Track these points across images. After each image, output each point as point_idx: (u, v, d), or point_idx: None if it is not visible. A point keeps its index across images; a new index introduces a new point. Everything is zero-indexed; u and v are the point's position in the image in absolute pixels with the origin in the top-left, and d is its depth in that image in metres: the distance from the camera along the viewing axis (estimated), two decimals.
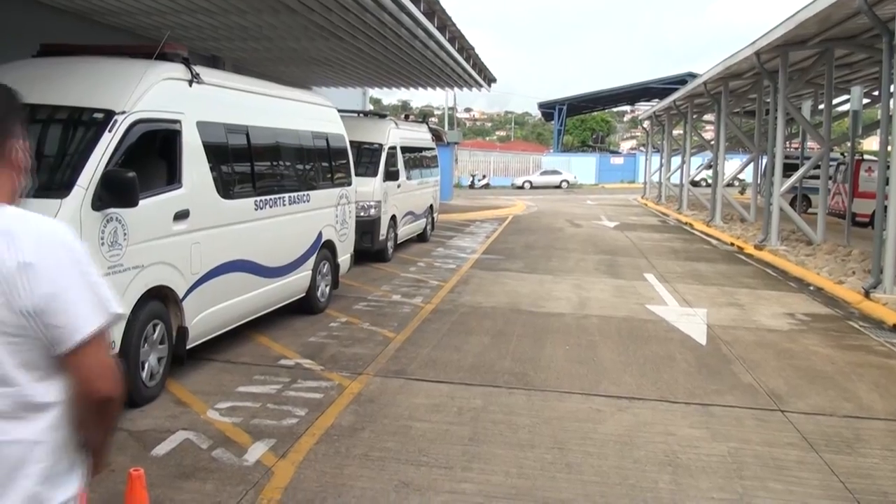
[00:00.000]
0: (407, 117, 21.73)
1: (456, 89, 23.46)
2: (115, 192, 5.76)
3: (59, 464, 1.94)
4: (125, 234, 5.96)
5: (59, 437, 1.93)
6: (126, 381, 5.80)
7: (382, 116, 17.60)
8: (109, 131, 5.98)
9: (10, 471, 1.84)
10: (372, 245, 14.21)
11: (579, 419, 6.32)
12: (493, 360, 7.97)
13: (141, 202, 5.99)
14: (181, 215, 6.78)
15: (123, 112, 6.13)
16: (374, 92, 30.23)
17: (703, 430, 6.15)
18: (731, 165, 32.55)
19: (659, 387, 7.26)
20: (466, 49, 17.45)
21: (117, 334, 5.93)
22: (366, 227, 13.68)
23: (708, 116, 33.21)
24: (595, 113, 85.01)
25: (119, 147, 6.01)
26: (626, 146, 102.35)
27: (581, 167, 62.81)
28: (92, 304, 1.94)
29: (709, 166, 30.37)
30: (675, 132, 38.46)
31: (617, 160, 69.80)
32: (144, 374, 6.31)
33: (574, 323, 9.94)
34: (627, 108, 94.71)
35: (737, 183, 42.41)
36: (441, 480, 5.05)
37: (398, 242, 16.19)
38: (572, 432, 6.01)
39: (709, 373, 7.78)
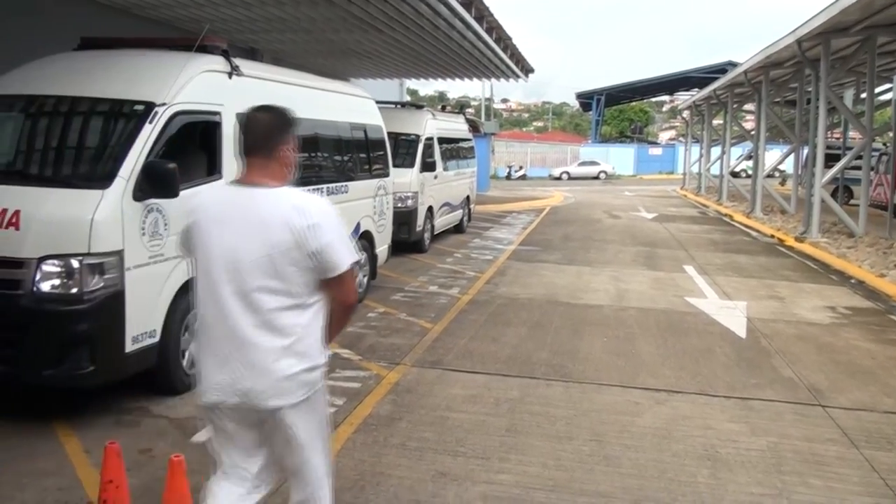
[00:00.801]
0: (444, 108, 21.75)
1: (493, 80, 23.40)
2: (157, 184, 5.83)
3: (316, 338, 3.26)
4: (166, 225, 6.04)
5: (317, 323, 3.25)
6: (167, 369, 5.95)
7: (419, 107, 17.60)
8: (150, 123, 6.04)
9: (296, 340, 3.16)
10: (409, 236, 14.25)
11: (617, 412, 6.31)
12: (530, 352, 7.97)
13: (182, 193, 6.07)
14: None
15: (164, 104, 6.20)
16: (411, 83, 30.32)
17: (742, 425, 6.11)
18: (772, 156, 32.12)
19: (698, 380, 7.22)
20: (504, 39, 17.39)
21: (159, 322, 6.04)
22: (403, 218, 13.71)
23: (748, 106, 32.80)
24: (633, 103, 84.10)
25: (159, 139, 6.08)
26: (664, 136, 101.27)
27: (619, 158, 62.29)
28: (348, 250, 3.24)
29: (749, 157, 30.01)
30: (715, 122, 38.02)
31: (655, 151, 69.09)
32: (185, 363, 6.41)
33: (612, 315, 9.90)
34: (666, 97, 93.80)
35: (777, 174, 41.77)
36: (478, 471, 5.08)
37: (435, 233, 16.23)
38: (610, 425, 6.00)
39: (748, 366, 7.71)
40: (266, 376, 3.13)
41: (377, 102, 11.75)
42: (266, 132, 3.31)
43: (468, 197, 19.38)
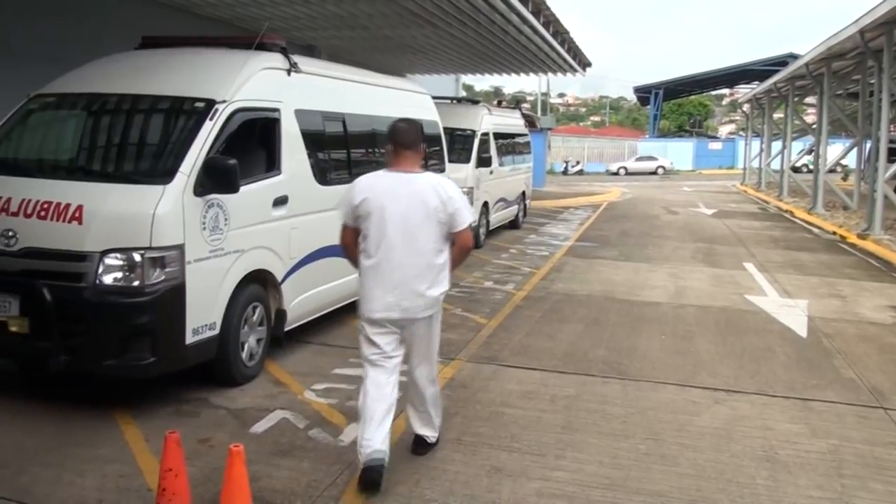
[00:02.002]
0: (500, 103, 21.67)
1: (549, 74, 23.24)
2: (217, 179, 5.92)
3: (447, 273, 4.93)
4: (226, 220, 6.13)
5: (448, 264, 4.93)
6: (226, 361, 6.04)
7: (475, 103, 17.57)
8: (211, 120, 6.13)
9: (438, 275, 4.84)
10: None
11: (675, 410, 6.22)
12: (586, 349, 7.91)
13: (241, 188, 6.15)
14: (280, 201, 6.94)
15: (224, 101, 6.28)
16: (467, 78, 30.18)
17: (802, 426, 5.98)
18: (834, 150, 31.29)
19: (757, 380, 7.08)
20: (561, 33, 17.25)
21: (219, 315, 6.13)
22: None
23: (810, 99, 32.10)
24: (692, 97, 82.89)
25: (220, 135, 6.16)
26: (724, 131, 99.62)
27: (678, 153, 61.47)
28: (469, 214, 4.94)
29: (810, 151, 29.34)
30: (776, 116, 37.21)
31: (715, 145, 67.99)
32: (244, 355, 6.50)
33: (670, 312, 9.77)
34: (726, 91, 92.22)
35: (839, 169, 40.77)
36: (533, 467, 5.05)
37: (490, 229, 16.20)
38: (668, 424, 5.92)
39: (809, 366, 7.55)
40: (422, 297, 4.81)
41: (433, 98, 11.76)
42: (414, 137, 4.96)
43: (524, 192, 19.29)
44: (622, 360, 7.55)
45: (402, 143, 4.90)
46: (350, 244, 4.99)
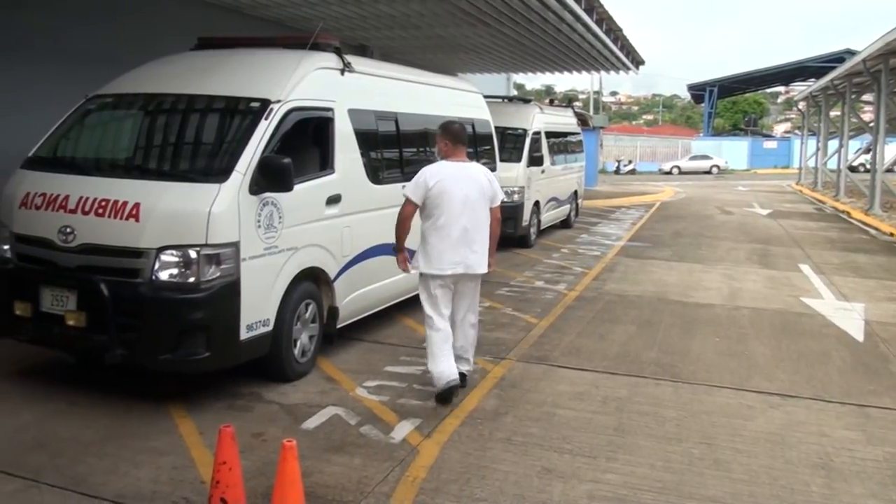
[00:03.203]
0: (552, 102, 21.54)
1: (602, 72, 23.05)
2: (272, 178, 5.97)
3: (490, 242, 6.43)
4: (280, 218, 6.18)
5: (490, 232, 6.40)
6: (279, 357, 6.11)
7: (527, 101, 17.49)
8: (266, 119, 6.17)
9: (485, 239, 6.33)
10: (515, 231, 14.17)
11: (729, 414, 6.13)
12: (639, 350, 7.83)
13: (295, 187, 6.20)
14: (333, 200, 6.99)
15: (279, 101, 6.33)
16: (518, 77, 30.03)
17: (858, 433, 5.84)
18: (892, 150, 30.52)
19: (813, 384, 6.94)
20: (614, 30, 17.09)
21: (272, 311, 6.20)
22: (509, 213, 13.57)
23: (867, 96, 31.24)
24: (747, 94, 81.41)
25: (275, 134, 6.21)
26: (779, 129, 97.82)
27: (732, 152, 60.48)
28: (501, 193, 6.52)
29: (868, 150, 28.63)
30: (833, 114, 36.40)
31: (770, 144, 66.73)
32: (297, 351, 6.56)
33: (724, 314, 9.63)
34: (782, 88, 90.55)
35: None
36: (585, 469, 5.02)
37: (541, 228, 16.10)
38: (721, 428, 5.83)
39: (866, 372, 7.37)
40: (480, 256, 6.27)
41: (485, 97, 11.73)
42: (465, 134, 6.54)
43: (576, 192, 19.15)
44: (675, 363, 7.46)
45: (458, 139, 6.38)
46: (409, 217, 6.25)
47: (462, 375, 6.41)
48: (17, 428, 5.44)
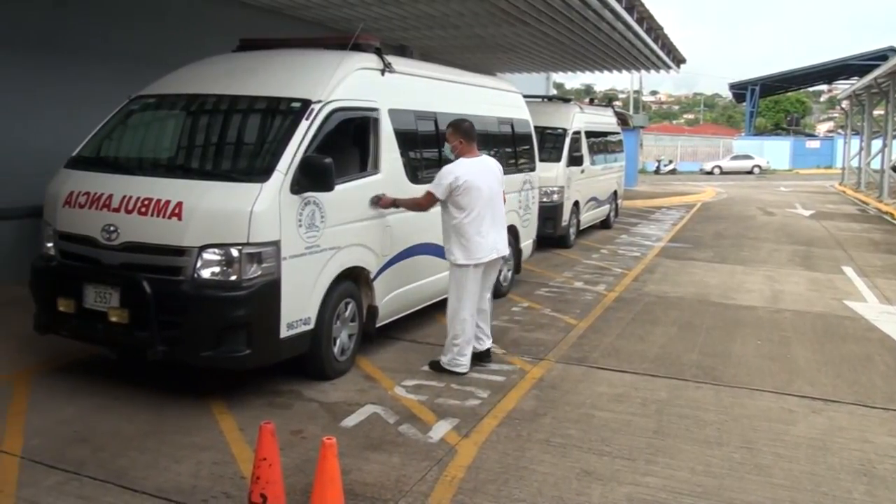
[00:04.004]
0: (592, 101, 21.43)
1: (642, 71, 22.88)
2: (313, 177, 5.98)
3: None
4: (322, 217, 6.20)
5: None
6: (319, 355, 6.14)
7: (567, 101, 17.42)
8: (307, 119, 6.19)
9: (505, 222, 7.26)
10: (554, 231, 14.13)
11: (770, 419, 6.04)
12: (679, 352, 7.76)
13: (339, 186, 6.23)
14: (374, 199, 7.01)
15: (320, 101, 6.35)
16: (558, 76, 30.00)
17: None
18: None
19: (856, 390, 6.82)
20: (655, 29, 16.96)
21: (313, 310, 6.23)
22: (548, 213, 13.60)
23: None
24: (789, 93, 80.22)
25: (316, 135, 6.24)
26: (822, 128, 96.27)
27: (774, 151, 59.72)
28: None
29: None
30: (876, 113, 35.73)
31: (812, 144, 65.75)
32: (336, 349, 6.59)
33: (766, 317, 9.50)
34: (824, 87, 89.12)
35: None
36: (624, 472, 4.97)
37: (580, 229, 16.03)
38: (762, 432, 5.75)
39: None
40: (505, 242, 7.13)
41: (524, 96, 11.69)
42: (474, 130, 7.00)
43: (615, 192, 19.03)
44: (716, 365, 7.38)
45: (471, 136, 6.91)
46: (429, 207, 6.96)
47: (488, 350, 7.22)
48: (59, 422, 5.54)
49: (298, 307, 6.02)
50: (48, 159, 7.32)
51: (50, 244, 6.38)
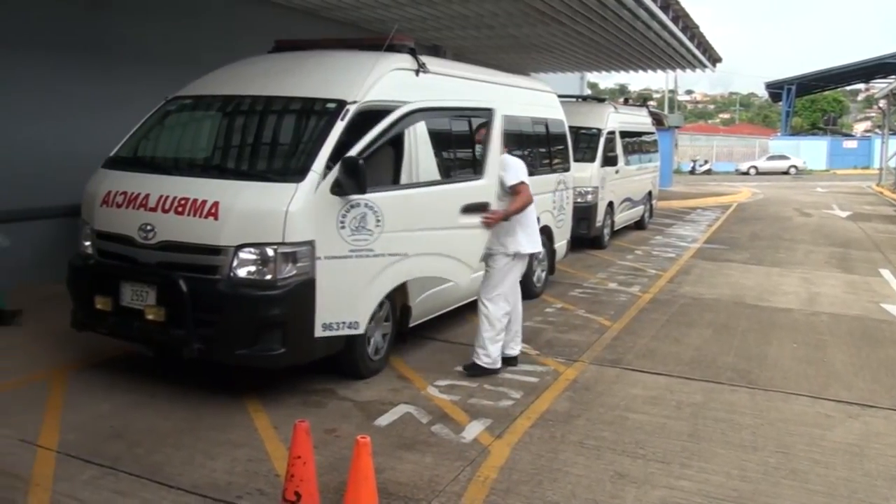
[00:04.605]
0: (626, 101, 21.29)
1: (677, 71, 22.70)
2: (350, 178, 5.94)
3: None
4: (378, 222, 6.04)
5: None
6: (353, 355, 6.12)
7: (601, 101, 17.33)
8: (342, 120, 6.18)
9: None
10: (588, 231, 14.06)
11: (806, 423, 5.96)
12: (714, 355, 7.69)
13: (394, 192, 6.25)
14: None
15: (355, 101, 6.35)
16: (592, 76, 29.84)
17: None
18: None
19: (893, 394, 6.70)
20: (691, 28, 16.81)
21: (363, 315, 6.16)
22: (582, 213, 13.53)
23: None
24: (826, 92, 79.04)
25: (351, 135, 6.23)
26: (860, 128, 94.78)
27: (810, 151, 58.92)
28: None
29: None
30: None
31: (850, 144, 64.75)
32: (370, 349, 6.61)
33: (802, 319, 9.38)
34: (862, 86, 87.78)
35: None
36: (658, 475, 4.94)
37: (615, 229, 15.93)
38: (798, 437, 5.68)
39: None
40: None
41: (559, 96, 11.65)
42: None
43: (650, 192, 18.90)
44: (751, 368, 7.30)
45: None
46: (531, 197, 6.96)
47: (517, 357, 7.18)
48: (95, 417, 5.62)
49: (338, 308, 5.95)
50: (84, 159, 7.43)
51: (87, 243, 6.47)
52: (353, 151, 5.91)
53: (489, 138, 7.03)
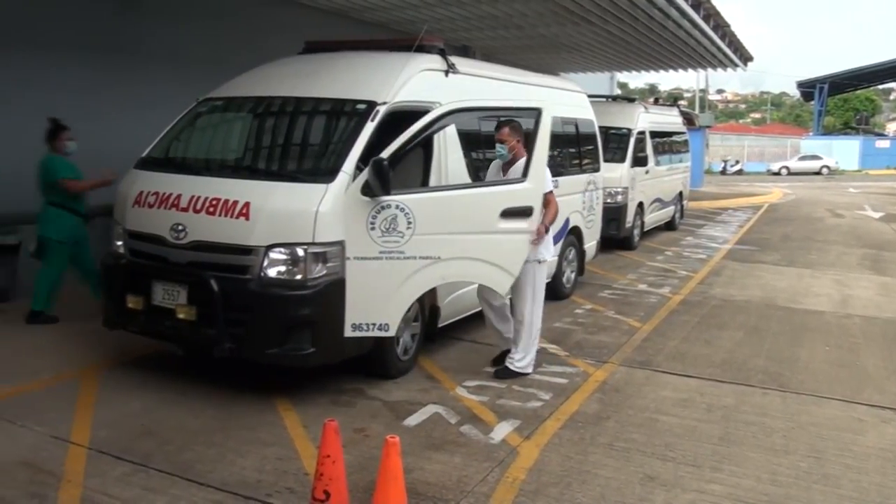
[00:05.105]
0: (657, 101, 21.17)
1: (708, 70, 22.52)
2: (375, 179, 5.92)
3: None
4: (409, 224, 5.94)
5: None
6: (382, 355, 6.09)
7: (631, 101, 17.23)
8: (372, 121, 6.20)
9: None
10: (618, 232, 13.99)
11: (839, 428, 5.89)
12: (745, 357, 7.61)
13: (425, 195, 6.22)
14: None
15: (385, 102, 6.37)
16: (621, 76, 29.65)
17: None
18: None
19: None
20: (722, 26, 16.68)
21: (393, 317, 6.13)
22: (612, 214, 13.46)
23: None
24: (859, 91, 77.98)
25: (381, 136, 6.24)
26: (893, 128, 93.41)
27: (843, 151, 58.16)
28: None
29: None
30: None
31: (883, 143, 63.80)
32: (399, 349, 6.62)
33: (835, 322, 9.27)
34: (895, 84, 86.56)
35: None
36: (688, 479, 4.90)
37: (645, 230, 15.84)
38: (830, 441, 5.61)
39: None
40: None
41: (588, 96, 11.60)
42: None
43: (681, 193, 18.74)
44: (783, 371, 7.22)
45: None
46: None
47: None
48: (126, 415, 5.68)
49: (368, 309, 5.94)
50: (116, 160, 7.51)
51: (119, 242, 6.54)
52: (386, 153, 5.85)
53: (535, 139, 6.71)
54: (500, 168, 6.95)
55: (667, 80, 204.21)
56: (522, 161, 6.65)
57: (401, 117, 6.40)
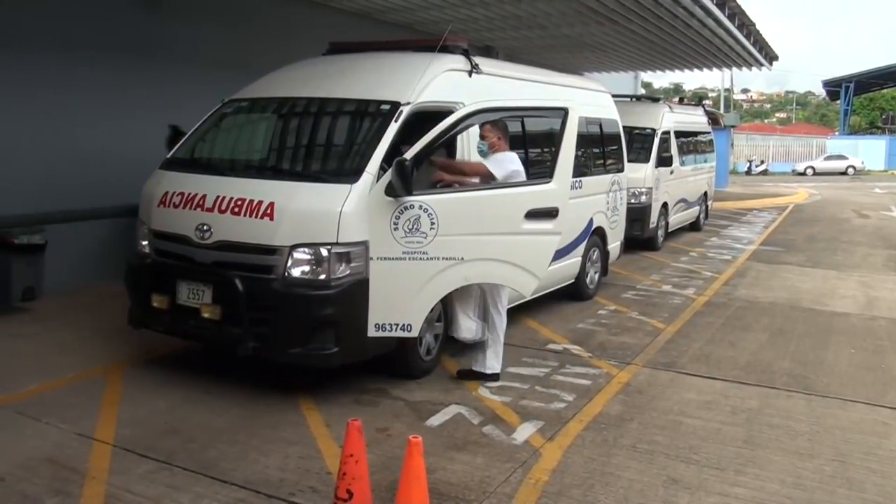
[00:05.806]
0: (681, 100, 21.04)
1: (733, 69, 22.37)
2: (398, 179, 5.85)
3: None
4: (433, 224, 5.93)
5: None
6: (405, 355, 6.07)
7: (655, 100, 17.15)
8: (395, 121, 6.21)
9: None
10: (642, 233, 13.93)
11: (863, 431, 5.83)
12: (770, 360, 7.56)
13: (447, 195, 6.19)
14: None
15: (409, 103, 6.38)
16: (646, 76, 29.52)
17: None
18: None
19: None
20: (747, 25, 16.57)
21: (416, 317, 6.15)
22: (636, 215, 13.40)
23: None
24: (885, 90, 77.03)
25: (405, 136, 6.24)
26: None
27: (869, 151, 57.46)
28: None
29: None
30: None
31: None
32: (422, 350, 6.63)
33: (860, 324, 9.18)
34: None
35: None
36: (712, 481, 4.88)
37: (669, 231, 15.76)
38: (855, 445, 5.56)
39: None
40: None
41: (612, 96, 11.55)
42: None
43: (706, 193, 18.62)
44: (808, 374, 7.16)
45: (507, 134, 6.80)
46: (471, 176, 6.60)
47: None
48: (151, 413, 5.73)
49: (391, 310, 5.96)
50: (140, 160, 7.58)
51: (145, 242, 6.60)
52: (410, 153, 5.84)
53: (562, 139, 6.75)
54: None
55: (691, 79, 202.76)
56: (499, 155, 6.66)
57: (424, 118, 6.40)
